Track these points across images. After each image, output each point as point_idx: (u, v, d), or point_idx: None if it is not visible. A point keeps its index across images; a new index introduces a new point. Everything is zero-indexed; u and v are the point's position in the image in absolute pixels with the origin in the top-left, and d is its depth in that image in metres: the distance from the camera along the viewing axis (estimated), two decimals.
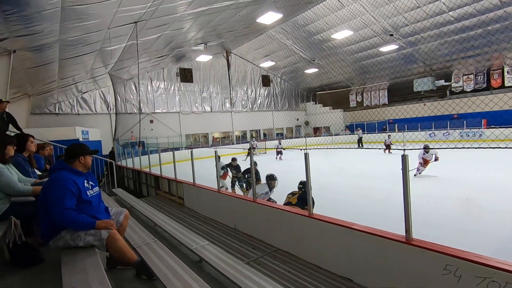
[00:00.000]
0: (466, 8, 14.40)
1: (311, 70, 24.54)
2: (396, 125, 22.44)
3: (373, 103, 25.18)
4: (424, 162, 9.14)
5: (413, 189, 2.46)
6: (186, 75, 21.39)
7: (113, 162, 9.01)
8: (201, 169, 6.10)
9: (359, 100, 26.25)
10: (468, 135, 18.42)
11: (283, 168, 11.78)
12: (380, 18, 16.33)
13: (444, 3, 14.32)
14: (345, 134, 25.58)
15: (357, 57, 21.31)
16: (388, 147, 14.29)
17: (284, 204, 4.53)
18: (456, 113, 19.99)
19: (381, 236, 2.60)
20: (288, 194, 4.78)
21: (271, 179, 5.64)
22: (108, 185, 8.81)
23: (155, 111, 20.22)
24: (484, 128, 18.18)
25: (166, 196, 7.28)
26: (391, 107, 24.04)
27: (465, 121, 18.90)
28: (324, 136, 26.73)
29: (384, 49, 19.16)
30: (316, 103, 29.97)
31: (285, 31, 19.32)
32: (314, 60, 22.75)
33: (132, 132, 18.09)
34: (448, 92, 21.28)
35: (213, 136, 23.36)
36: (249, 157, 15.25)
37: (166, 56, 17.03)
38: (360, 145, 18.69)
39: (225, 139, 24.22)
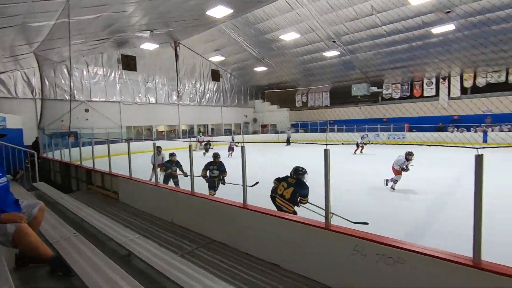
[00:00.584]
0: (396, 24, 16.22)
1: (260, 68, 25.02)
2: (336, 125, 24.27)
3: (317, 104, 26.80)
4: (397, 172, 7.33)
5: (345, 182, 2.72)
6: (129, 63, 19.94)
7: (36, 153, 7.98)
8: (143, 163, 5.81)
9: (304, 100, 27.66)
10: (394, 137, 20.86)
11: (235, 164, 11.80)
12: (325, 24, 17.41)
13: (378, 17, 15.91)
14: (292, 133, 26.76)
15: (303, 59, 22.40)
16: (358, 146, 14.73)
17: (272, 192, 4.28)
18: (385, 117, 22.47)
19: (307, 224, 2.84)
20: (280, 182, 4.25)
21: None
22: (29, 179, 7.79)
23: (92, 99, 18.43)
24: (406, 132, 20.79)
25: (99, 191, 6.76)
26: (332, 108, 25.88)
27: (392, 125, 21.36)
28: (270, 133, 27.59)
29: (328, 54, 20.51)
30: (264, 101, 30.69)
31: (236, 27, 19.33)
32: (263, 59, 23.24)
33: (62, 121, 16.23)
34: (380, 98, 23.76)
35: (157, 129, 22.26)
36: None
37: (105, 40, 15.63)
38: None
39: (171, 133, 23.31)
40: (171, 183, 7.28)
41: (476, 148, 1.95)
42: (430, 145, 2.70)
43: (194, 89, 24.58)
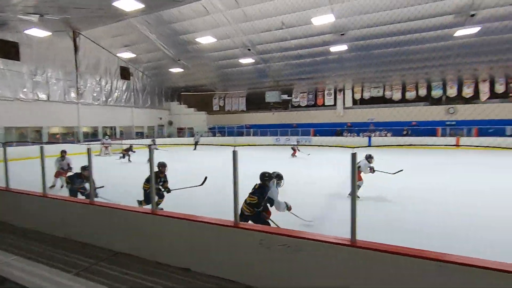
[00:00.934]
0: (302, 39, 18.14)
1: (176, 69, 24.12)
2: (252, 130, 25.41)
3: (233, 109, 27.51)
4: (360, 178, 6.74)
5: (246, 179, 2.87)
6: (8, 50, 16.27)
7: None
8: (33, 171, 4.83)
9: (221, 104, 28.00)
10: (301, 141, 23.16)
11: (130, 171, 10.96)
12: (240, 32, 18.10)
13: (288, 32, 17.50)
14: (208, 136, 26.69)
15: (220, 64, 22.70)
16: (295, 150, 14.89)
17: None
18: (295, 123, 24.77)
19: (218, 224, 2.89)
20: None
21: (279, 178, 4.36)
22: None
23: None
24: (311, 136, 23.39)
25: None
26: (248, 113, 27.00)
27: (300, 130, 23.70)
28: (188, 137, 26.86)
29: (243, 61, 21.36)
30: (180, 104, 29.70)
31: (149, 23, 18.16)
32: (179, 60, 22.51)
33: None
34: (290, 105, 26.06)
35: (49, 132, 18.83)
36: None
37: None
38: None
39: (69, 136, 20.09)
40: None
41: (354, 147, 2.38)
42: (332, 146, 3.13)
43: (98, 87, 21.87)
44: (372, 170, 6.82)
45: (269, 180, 4.04)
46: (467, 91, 19.77)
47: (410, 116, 20.19)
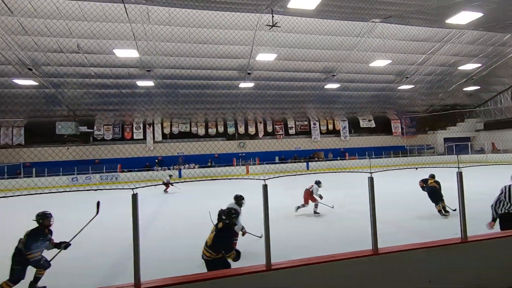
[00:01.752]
0: (105, 68, 16.75)
1: None
2: (34, 169, 19.73)
3: (3, 142, 20.44)
4: (313, 199, 8.22)
5: None
6: None
7: None
8: None
9: None
10: (107, 179, 20.58)
11: None
12: (16, 46, 14.23)
13: (86, 57, 15.63)
14: None
15: None
16: (167, 185, 14.45)
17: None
18: (98, 158, 21.75)
19: None
20: None
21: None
22: None
23: None
24: (119, 172, 21.36)
25: None
26: (29, 148, 20.85)
27: (104, 166, 21.03)
28: None
29: (21, 82, 16.70)
30: None
31: None
32: None
33: None
34: (91, 138, 22.76)
35: None
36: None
37: None
38: None
39: None
40: None
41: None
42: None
43: None
44: (320, 196, 8.24)
45: (237, 217, 4.00)
46: (251, 129, 25.49)
47: (213, 150, 23.22)
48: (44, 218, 4.08)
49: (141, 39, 14.18)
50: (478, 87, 24.51)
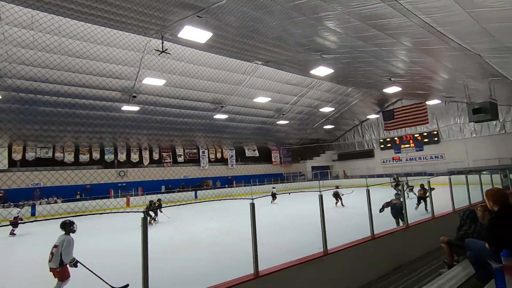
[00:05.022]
0: None
1: None
2: None
3: None
4: None
5: None
6: None
7: None
8: None
9: None
10: None
11: None
12: None
13: None
14: None
15: None
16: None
17: None
18: None
19: None
20: None
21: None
22: None
23: None
24: None
25: None
26: None
27: None
28: None
29: None
30: None
31: None
32: None
33: None
34: None
35: None
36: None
37: None
38: None
39: None
40: None
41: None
42: None
43: None
44: None
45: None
46: (134, 157, 23.24)
47: (84, 179, 19.68)
48: None
49: None
50: (333, 126, 30.91)
